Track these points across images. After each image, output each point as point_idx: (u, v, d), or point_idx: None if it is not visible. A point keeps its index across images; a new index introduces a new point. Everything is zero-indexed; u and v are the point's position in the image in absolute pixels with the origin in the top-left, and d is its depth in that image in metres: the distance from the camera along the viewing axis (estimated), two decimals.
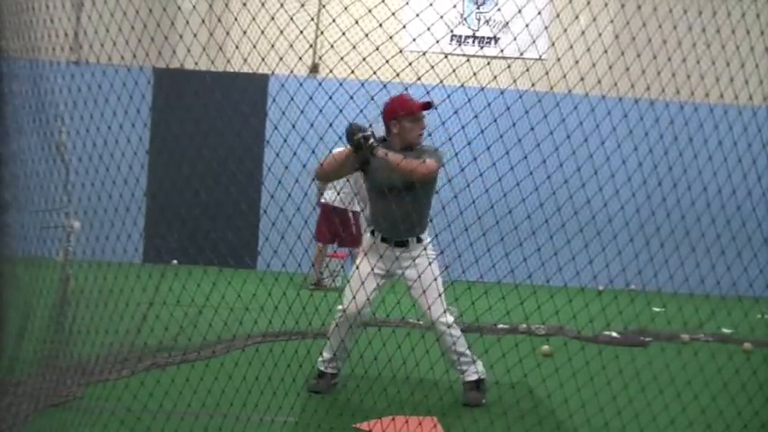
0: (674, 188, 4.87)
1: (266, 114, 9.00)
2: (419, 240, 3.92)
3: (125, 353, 4.33)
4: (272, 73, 3.85)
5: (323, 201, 7.68)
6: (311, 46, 9.02)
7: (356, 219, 7.82)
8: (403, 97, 3.85)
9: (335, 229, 7.79)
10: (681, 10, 4.46)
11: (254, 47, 3.55)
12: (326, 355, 4.03)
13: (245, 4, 3.91)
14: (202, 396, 3.53)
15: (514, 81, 3.96)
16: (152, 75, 8.25)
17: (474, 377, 3.93)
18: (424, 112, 3.89)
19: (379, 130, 3.88)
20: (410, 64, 3.76)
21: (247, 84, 8.84)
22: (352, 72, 3.57)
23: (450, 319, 3.88)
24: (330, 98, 3.62)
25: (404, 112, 3.81)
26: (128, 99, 4.08)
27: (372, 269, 3.87)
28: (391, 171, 3.72)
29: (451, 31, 9.70)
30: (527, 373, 4.04)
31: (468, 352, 3.91)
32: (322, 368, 4.03)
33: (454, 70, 3.79)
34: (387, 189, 3.77)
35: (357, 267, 3.89)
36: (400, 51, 3.81)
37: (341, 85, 3.59)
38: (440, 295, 3.83)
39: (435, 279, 3.86)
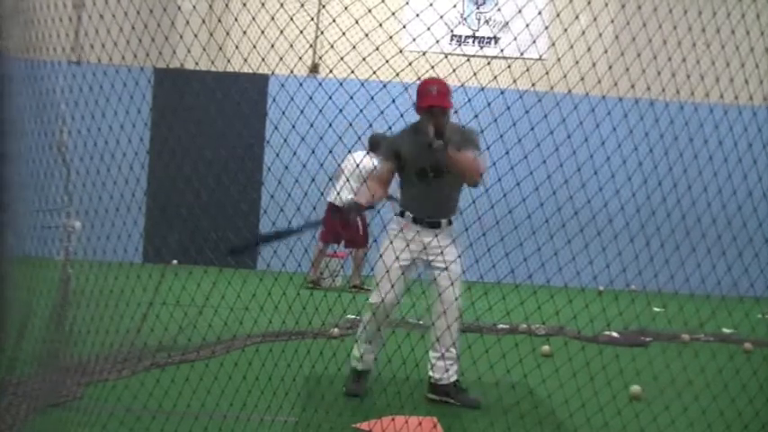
0: (674, 188, 4.87)
1: (266, 114, 8.99)
2: (450, 223, 3.95)
3: (125, 353, 4.33)
4: (272, 73, 3.85)
5: (328, 201, 7.66)
6: (311, 46, 9.03)
7: (363, 219, 7.79)
8: (422, 88, 3.81)
9: (337, 229, 7.77)
10: (681, 10, 4.45)
11: (254, 47, 3.55)
12: (358, 352, 3.98)
13: (245, 5, 3.92)
14: (202, 396, 3.52)
15: (514, 81, 3.96)
16: (152, 75, 8.25)
17: (455, 377, 3.94)
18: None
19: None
20: (410, 64, 3.76)
21: (247, 84, 8.84)
22: (352, 72, 3.57)
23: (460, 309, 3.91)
24: (330, 98, 3.62)
25: (417, 105, 3.82)
26: (128, 99, 4.08)
27: (397, 257, 3.84)
28: (425, 159, 3.76)
29: (451, 31, 9.70)
30: (527, 374, 4.04)
31: (458, 350, 3.93)
32: (359, 367, 3.98)
33: (454, 70, 3.78)
34: (421, 173, 3.79)
35: (381, 256, 3.87)
36: (400, 51, 3.81)
37: (341, 85, 3.59)
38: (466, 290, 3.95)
39: (463, 272, 3.93)
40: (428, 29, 4.56)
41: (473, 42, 9.75)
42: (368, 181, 3.95)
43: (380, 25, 3.69)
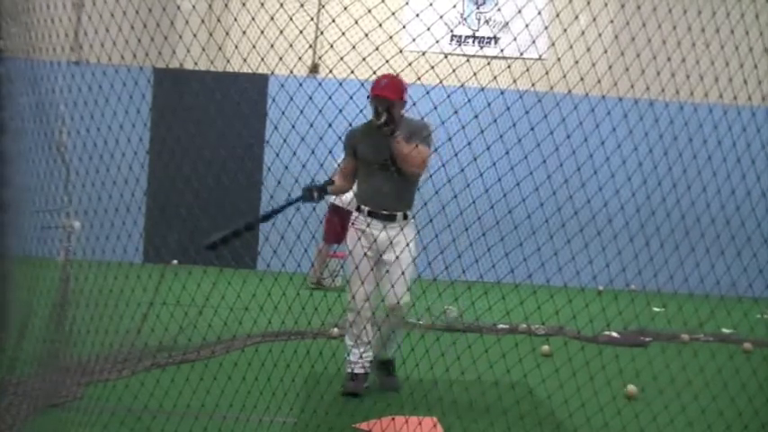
0: (673, 188, 4.87)
1: (266, 114, 8.99)
2: (405, 217, 4.00)
3: (125, 353, 4.33)
4: (272, 73, 3.85)
5: (334, 202, 7.65)
6: (311, 46, 9.02)
7: None
8: (375, 81, 3.88)
9: (337, 229, 7.77)
10: (680, 10, 4.45)
11: (254, 47, 3.55)
12: (354, 357, 4.03)
13: (244, 4, 3.91)
14: (202, 396, 3.53)
15: (514, 81, 3.96)
16: (152, 75, 8.25)
17: (388, 356, 4.15)
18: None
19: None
20: (410, 64, 3.76)
21: (247, 84, 8.84)
22: (352, 72, 3.57)
23: (408, 300, 4.03)
24: (330, 98, 3.62)
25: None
26: (128, 99, 4.08)
27: (366, 254, 3.96)
28: (379, 153, 3.91)
29: (451, 31, 9.70)
30: (527, 374, 4.04)
31: (400, 338, 4.16)
32: (356, 370, 4.04)
33: (454, 70, 3.79)
34: (377, 164, 3.92)
35: (350, 253, 3.99)
36: (400, 51, 3.81)
37: (341, 85, 3.59)
38: (415, 281, 4.08)
39: (414, 260, 4.02)
40: (428, 29, 4.56)
41: (473, 42, 9.75)
42: (336, 176, 4.17)
43: (380, 25, 3.70)
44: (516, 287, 4.19)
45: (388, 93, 3.83)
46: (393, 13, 3.85)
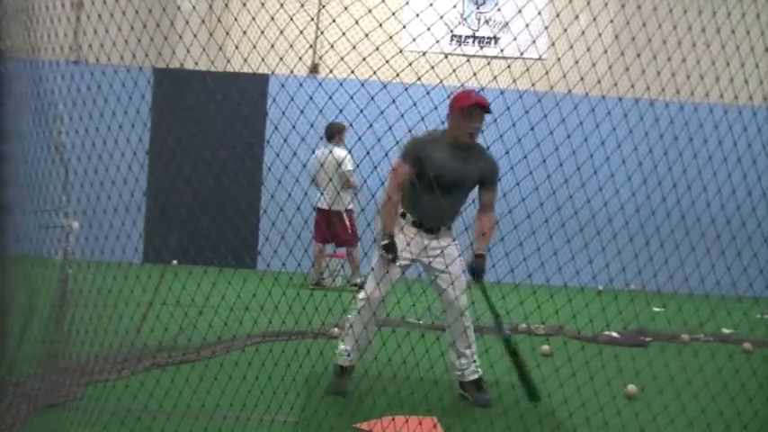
0: (673, 188, 4.87)
1: (266, 114, 8.99)
2: (448, 228, 3.99)
3: (125, 353, 4.33)
4: (272, 73, 3.85)
5: (317, 204, 7.67)
6: (311, 46, 9.02)
7: (350, 217, 7.80)
8: (463, 93, 3.85)
9: (332, 229, 7.80)
10: (681, 10, 4.45)
11: (254, 47, 3.55)
12: (345, 347, 4.01)
13: (244, 5, 3.92)
14: (202, 396, 3.52)
15: (514, 81, 3.96)
16: (152, 75, 8.25)
17: (475, 376, 3.98)
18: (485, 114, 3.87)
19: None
20: (410, 64, 3.76)
21: (247, 84, 8.84)
22: (352, 72, 3.57)
23: (466, 303, 3.97)
24: (330, 98, 3.62)
25: (457, 106, 3.82)
26: (128, 99, 4.08)
27: (397, 257, 3.89)
28: (448, 172, 3.81)
29: (451, 31, 9.70)
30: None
31: (473, 348, 4.00)
32: (345, 363, 4.00)
33: (454, 70, 3.79)
34: (439, 184, 3.73)
35: (381, 255, 3.91)
36: (400, 51, 3.81)
37: (341, 85, 3.59)
38: (468, 288, 4.01)
39: (464, 271, 3.98)
40: (428, 29, 4.56)
41: (473, 42, 9.75)
42: (391, 190, 3.86)
43: (380, 25, 3.69)
44: (516, 287, 4.18)
45: (486, 104, 3.78)
46: (393, 13, 3.84)
